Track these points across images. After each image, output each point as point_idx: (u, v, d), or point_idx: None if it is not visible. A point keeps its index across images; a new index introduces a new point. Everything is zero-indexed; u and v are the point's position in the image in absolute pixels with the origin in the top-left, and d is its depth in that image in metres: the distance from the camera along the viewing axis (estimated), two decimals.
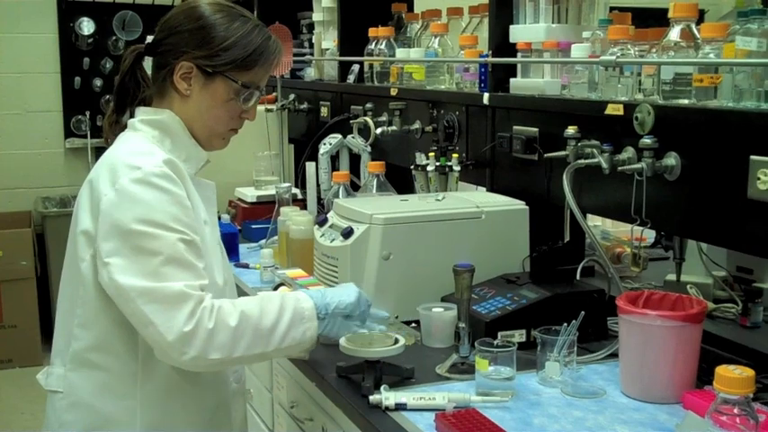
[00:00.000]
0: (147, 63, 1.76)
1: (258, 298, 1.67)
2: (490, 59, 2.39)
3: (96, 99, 5.40)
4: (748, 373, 1.22)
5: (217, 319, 1.54)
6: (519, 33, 2.31)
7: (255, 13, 4.06)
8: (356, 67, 3.29)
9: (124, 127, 1.74)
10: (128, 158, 1.61)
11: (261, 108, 3.38)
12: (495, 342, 1.72)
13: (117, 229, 1.55)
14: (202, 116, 1.70)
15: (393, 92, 2.91)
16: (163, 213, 1.56)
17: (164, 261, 1.53)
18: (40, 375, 1.75)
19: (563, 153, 2.03)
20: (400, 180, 2.86)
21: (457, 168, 2.51)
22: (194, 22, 1.67)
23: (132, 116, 1.73)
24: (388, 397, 1.64)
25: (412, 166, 2.64)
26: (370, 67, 3.16)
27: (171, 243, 1.54)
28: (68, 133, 5.39)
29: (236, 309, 1.58)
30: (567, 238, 2.03)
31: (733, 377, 1.22)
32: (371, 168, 2.73)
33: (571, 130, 2.01)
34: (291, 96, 3.73)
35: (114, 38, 5.39)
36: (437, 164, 2.54)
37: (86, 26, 5.33)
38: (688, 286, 2.12)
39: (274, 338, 1.61)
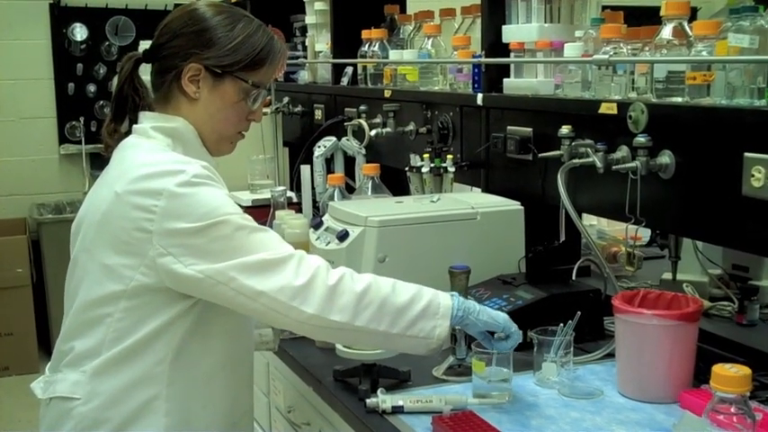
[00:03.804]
0: (144, 71, 1.74)
1: (392, 279, 1.62)
2: (483, 60, 2.39)
3: (90, 105, 5.39)
4: (745, 371, 1.22)
5: (341, 280, 1.53)
6: (511, 33, 2.31)
7: None
8: (350, 70, 3.28)
9: (124, 134, 1.71)
10: (164, 166, 1.58)
11: None
12: None
13: (186, 232, 1.52)
14: (212, 119, 1.68)
15: (387, 93, 2.91)
16: (219, 201, 1.55)
17: (246, 236, 1.54)
18: (35, 385, 1.70)
19: (557, 153, 2.03)
20: (395, 182, 2.85)
21: (452, 169, 2.51)
22: (198, 24, 1.65)
23: (135, 122, 1.71)
24: (384, 400, 1.63)
25: (407, 168, 2.64)
26: (364, 69, 3.15)
27: (239, 221, 1.55)
28: (63, 139, 5.38)
29: (365, 278, 1.57)
30: (562, 238, 2.03)
31: (729, 376, 1.21)
32: (366, 170, 2.73)
33: (565, 129, 2.01)
34: (285, 99, 3.73)
35: (107, 43, 5.38)
36: (432, 165, 2.53)
37: (79, 32, 5.32)
38: (684, 285, 2.12)
39: (402, 321, 1.57)
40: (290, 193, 3.15)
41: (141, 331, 1.59)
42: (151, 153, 1.64)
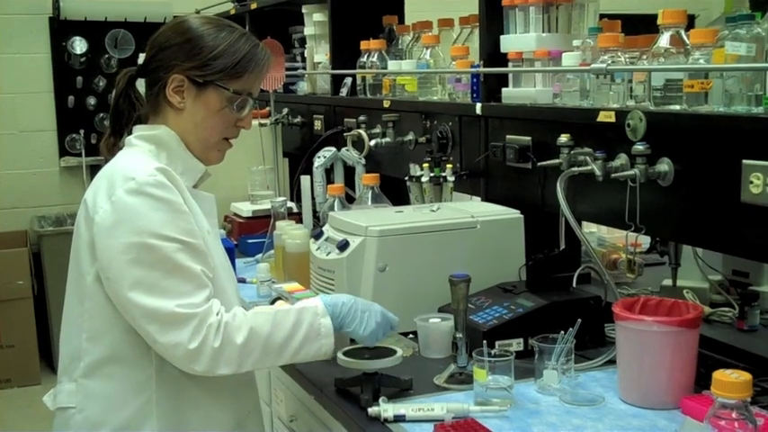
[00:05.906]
0: (141, 84, 1.77)
1: (273, 311, 1.67)
2: (482, 69, 2.40)
3: (90, 117, 5.40)
4: (745, 377, 1.22)
5: (223, 338, 1.56)
6: (510, 43, 2.32)
7: (247, 27, 4.07)
8: (349, 80, 3.30)
9: (122, 148, 1.75)
10: (122, 171, 1.62)
11: (254, 122, 3.38)
12: (493, 351, 1.72)
13: (116, 242, 1.55)
14: (197, 127, 1.70)
15: (386, 104, 2.92)
16: (160, 223, 1.56)
17: (165, 274, 1.55)
18: (47, 398, 1.74)
19: (556, 161, 2.04)
20: (395, 191, 2.86)
21: (451, 179, 2.52)
22: (182, 36, 1.68)
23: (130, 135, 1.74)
24: (386, 409, 1.64)
25: (406, 178, 2.65)
26: (363, 79, 3.16)
27: (171, 253, 1.56)
28: (63, 152, 5.39)
29: (245, 324, 1.60)
30: (562, 246, 2.03)
31: (730, 381, 1.22)
32: (366, 180, 2.74)
33: (564, 138, 2.02)
34: (285, 110, 3.74)
35: (107, 56, 5.39)
36: (431, 175, 2.54)
37: (79, 45, 5.33)
38: (684, 291, 2.12)
39: (286, 353, 1.64)
40: (290, 204, 3.16)
41: (113, 333, 1.61)
42: (122, 158, 1.68)
